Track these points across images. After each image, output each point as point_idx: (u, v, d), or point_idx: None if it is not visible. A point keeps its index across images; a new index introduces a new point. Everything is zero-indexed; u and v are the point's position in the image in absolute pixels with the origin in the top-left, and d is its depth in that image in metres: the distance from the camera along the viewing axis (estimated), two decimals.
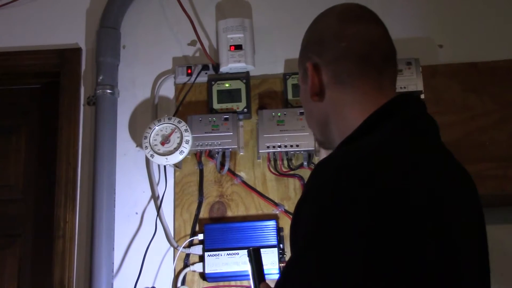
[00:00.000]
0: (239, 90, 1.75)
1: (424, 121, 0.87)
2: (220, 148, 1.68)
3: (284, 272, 0.73)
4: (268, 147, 1.65)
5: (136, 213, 1.74)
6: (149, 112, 1.82)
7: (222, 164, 1.70)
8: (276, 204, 1.69)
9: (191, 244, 1.67)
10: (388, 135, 0.81)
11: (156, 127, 1.66)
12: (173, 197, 1.73)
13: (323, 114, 0.92)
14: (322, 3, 1.06)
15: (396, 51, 0.94)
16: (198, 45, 1.83)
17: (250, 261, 1.08)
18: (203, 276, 1.61)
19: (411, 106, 0.86)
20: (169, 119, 1.66)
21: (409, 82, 1.67)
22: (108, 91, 1.77)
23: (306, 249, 0.71)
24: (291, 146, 1.64)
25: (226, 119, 1.69)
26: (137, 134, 1.79)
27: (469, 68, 1.75)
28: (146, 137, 1.64)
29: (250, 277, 1.09)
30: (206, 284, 1.64)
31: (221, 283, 1.63)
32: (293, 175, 1.70)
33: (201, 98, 1.79)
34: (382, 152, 0.76)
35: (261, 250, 1.56)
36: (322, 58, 0.91)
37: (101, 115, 1.76)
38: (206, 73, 1.79)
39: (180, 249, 1.65)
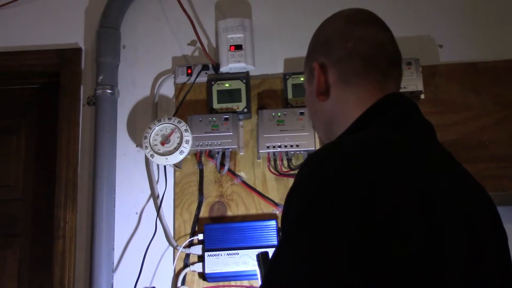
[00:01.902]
0: (239, 90, 1.75)
1: (417, 120, 0.88)
2: (220, 148, 1.68)
3: (272, 257, 0.74)
4: (268, 147, 1.65)
5: (136, 213, 1.74)
6: (149, 112, 1.82)
7: (222, 164, 1.70)
8: (276, 204, 1.69)
9: (191, 244, 1.67)
10: (378, 131, 0.83)
11: (156, 127, 1.66)
12: (173, 197, 1.73)
13: (328, 114, 0.93)
14: (322, 3, 1.06)
15: (402, 56, 0.97)
16: (198, 45, 1.83)
17: (259, 265, 1.10)
18: (203, 276, 1.61)
19: (403, 105, 0.88)
20: (169, 119, 1.66)
21: (409, 82, 1.67)
22: (108, 91, 1.77)
23: (291, 237, 0.72)
24: (291, 146, 1.64)
25: (226, 119, 1.69)
26: (137, 134, 1.79)
27: (469, 68, 1.75)
28: (146, 137, 1.64)
29: (259, 280, 1.11)
30: (206, 284, 1.64)
31: (221, 283, 1.63)
32: (293, 175, 1.70)
33: (201, 98, 1.79)
34: (370, 147, 0.77)
35: (262, 250, 1.58)
36: (328, 58, 0.93)
37: (101, 115, 1.76)
38: (206, 73, 1.79)
39: (180, 249, 1.65)
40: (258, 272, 1.11)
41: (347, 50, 0.91)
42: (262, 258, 1.09)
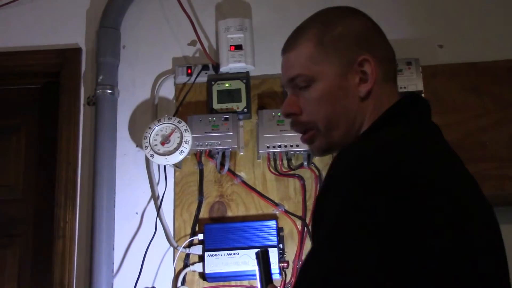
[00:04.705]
0: (239, 90, 1.75)
1: (431, 121, 0.90)
2: (220, 148, 1.68)
3: (305, 263, 0.73)
4: (268, 147, 1.65)
5: (136, 213, 1.74)
6: (149, 112, 1.82)
7: (222, 164, 1.70)
8: (276, 204, 1.69)
9: (191, 244, 1.67)
10: (407, 128, 0.84)
11: (156, 127, 1.66)
12: (173, 197, 1.73)
13: (361, 111, 0.90)
14: (322, 3, 1.06)
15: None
16: (198, 45, 1.83)
17: (259, 263, 1.07)
18: (203, 276, 1.61)
19: (422, 105, 0.90)
20: (169, 119, 1.66)
21: (409, 82, 1.67)
22: (108, 91, 1.77)
23: (326, 241, 0.71)
24: (291, 146, 1.64)
25: (226, 119, 1.69)
26: (137, 134, 1.79)
27: (469, 68, 1.75)
28: (146, 137, 1.64)
29: (258, 279, 1.08)
30: (206, 284, 1.64)
31: (221, 283, 1.63)
32: (293, 175, 1.70)
33: (201, 98, 1.79)
34: (403, 143, 0.78)
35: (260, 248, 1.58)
36: (374, 56, 0.90)
37: (101, 115, 1.76)
38: (206, 73, 1.79)
39: (180, 249, 1.65)
40: (257, 270, 1.08)
41: (384, 50, 0.93)
42: (262, 256, 1.07)
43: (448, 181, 0.76)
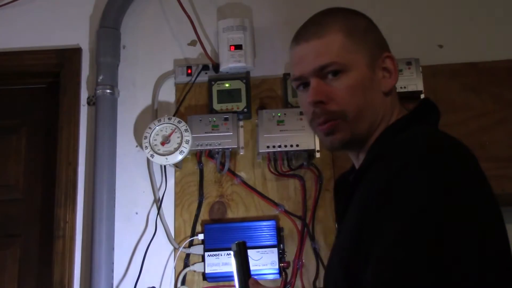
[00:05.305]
0: (239, 90, 1.75)
1: None
2: (220, 148, 1.68)
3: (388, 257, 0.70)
4: (268, 147, 1.65)
5: (136, 213, 1.74)
6: (149, 112, 1.82)
7: (222, 164, 1.70)
8: (276, 204, 1.68)
9: (191, 244, 1.67)
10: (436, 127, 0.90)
11: (156, 127, 1.66)
12: (173, 197, 1.73)
13: (383, 107, 0.92)
14: (322, 3, 1.06)
15: None
16: (198, 45, 1.83)
17: (236, 255, 1.01)
18: (204, 276, 1.61)
19: (437, 111, 0.94)
20: (169, 119, 1.66)
21: (409, 82, 1.67)
22: (108, 91, 1.77)
23: (407, 236, 0.69)
24: (291, 146, 1.64)
25: (226, 119, 1.69)
26: (137, 134, 1.79)
27: (469, 68, 1.75)
28: (146, 137, 1.64)
29: (235, 272, 1.02)
30: (206, 284, 1.64)
31: (221, 283, 1.63)
32: (293, 175, 1.70)
33: (201, 98, 1.79)
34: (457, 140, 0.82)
35: (262, 250, 1.58)
36: (391, 53, 0.95)
37: (101, 115, 1.76)
38: (206, 73, 1.79)
39: (180, 249, 1.65)
40: (234, 264, 1.01)
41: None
42: (240, 248, 1.01)
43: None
